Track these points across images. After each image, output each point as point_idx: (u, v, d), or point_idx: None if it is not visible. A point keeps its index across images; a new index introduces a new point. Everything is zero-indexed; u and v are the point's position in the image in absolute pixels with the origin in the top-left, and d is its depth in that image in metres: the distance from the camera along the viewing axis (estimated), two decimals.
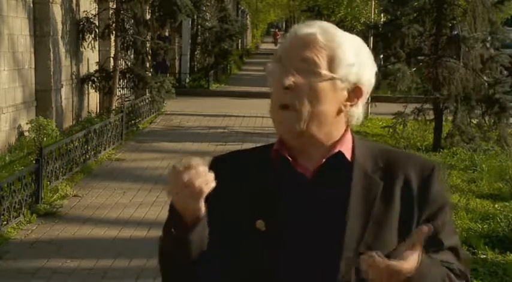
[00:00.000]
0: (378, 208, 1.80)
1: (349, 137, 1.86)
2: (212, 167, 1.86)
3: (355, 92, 1.82)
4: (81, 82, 14.14)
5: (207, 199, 1.80)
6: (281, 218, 1.80)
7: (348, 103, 1.82)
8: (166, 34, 20.58)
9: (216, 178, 1.83)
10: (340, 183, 1.81)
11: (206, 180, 1.70)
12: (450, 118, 12.23)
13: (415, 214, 1.82)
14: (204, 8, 24.22)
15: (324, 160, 1.82)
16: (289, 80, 1.77)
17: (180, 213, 1.75)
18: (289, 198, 1.82)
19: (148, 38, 15.20)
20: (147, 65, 15.23)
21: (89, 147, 10.20)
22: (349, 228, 1.78)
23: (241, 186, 1.86)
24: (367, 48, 1.87)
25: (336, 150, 1.83)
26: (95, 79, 14.23)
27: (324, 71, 1.78)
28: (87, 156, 10.10)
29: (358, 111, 1.84)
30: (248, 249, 1.81)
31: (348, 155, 1.84)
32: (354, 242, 1.77)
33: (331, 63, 1.78)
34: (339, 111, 1.82)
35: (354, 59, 1.80)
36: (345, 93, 1.81)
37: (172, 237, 1.81)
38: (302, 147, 1.83)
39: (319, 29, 1.80)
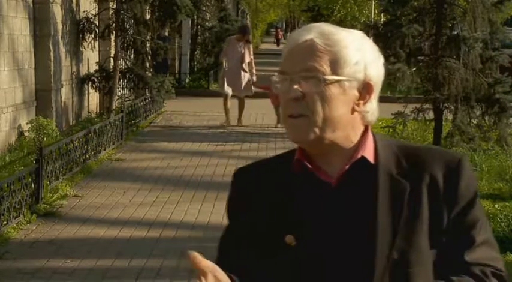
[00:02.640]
0: (407, 210, 1.76)
1: (370, 138, 1.82)
2: (235, 178, 1.90)
3: (365, 88, 1.79)
4: (81, 82, 14.14)
5: (233, 213, 1.82)
6: (309, 231, 1.76)
7: (361, 101, 1.79)
8: (166, 34, 20.56)
9: (240, 191, 1.86)
10: (366, 189, 1.77)
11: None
12: (450, 118, 12.23)
13: (444, 212, 1.78)
14: (204, 8, 24.21)
15: (347, 167, 1.78)
16: (296, 91, 1.75)
17: None
18: (314, 209, 1.78)
19: (148, 38, 15.19)
20: (147, 65, 15.23)
21: (89, 147, 10.20)
22: (380, 233, 1.74)
23: (265, 199, 1.82)
24: (369, 41, 1.83)
25: (359, 155, 1.79)
26: (95, 79, 14.23)
27: (329, 76, 1.74)
28: (87, 156, 10.10)
29: (372, 106, 1.81)
30: (279, 265, 1.77)
31: (371, 158, 1.80)
32: (386, 247, 1.73)
33: (335, 66, 1.75)
34: (352, 111, 1.78)
35: (358, 56, 1.77)
36: (355, 92, 1.78)
37: None
38: (323, 155, 1.80)
39: (317, 34, 1.77)
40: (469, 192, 1.80)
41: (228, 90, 13.99)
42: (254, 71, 14.33)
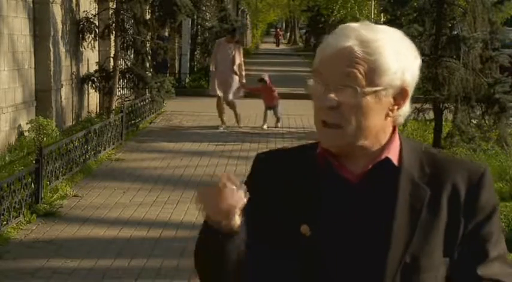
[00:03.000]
0: (425, 216, 1.75)
1: (396, 140, 1.81)
2: (255, 164, 1.91)
3: (401, 94, 1.77)
4: (81, 82, 14.14)
5: (250, 198, 1.79)
6: (325, 223, 1.77)
7: (395, 107, 1.78)
8: (167, 34, 20.56)
9: (259, 176, 1.87)
10: (386, 190, 1.77)
11: (238, 198, 1.68)
12: (450, 118, 12.23)
13: (461, 223, 1.77)
14: (204, 8, 24.21)
15: (370, 166, 1.78)
16: (332, 101, 1.73)
17: (215, 227, 1.73)
18: (333, 203, 1.78)
19: (148, 38, 15.20)
20: (147, 65, 15.23)
21: (89, 147, 10.20)
22: (394, 236, 1.74)
23: (285, 187, 1.83)
24: (407, 42, 1.80)
25: (383, 156, 1.78)
26: (95, 79, 14.23)
27: (367, 87, 1.72)
28: (87, 156, 10.10)
29: (405, 110, 1.80)
30: (291, 253, 1.78)
31: (395, 160, 1.79)
32: (399, 250, 1.73)
33: (373, 76, 1.73)
34: (386, 117, 1.77)
35: (396, 64, 1.74)
36: (391, 99, 1.76)
37: (208, 249, 1.77)
38: (348, 153, 1.80)
39: (357, 41, 1.73)
40: (489, 206, 1.80)
41: (220, 92, 13.76)
42: (243, 73, 14.08)
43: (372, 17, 29.40)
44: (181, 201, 8.38)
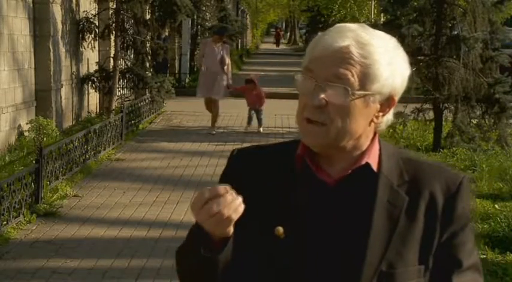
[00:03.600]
0: (402, 224, 1.74)
1: (376, 145, 1.81)
2: (233, 159, 1.87)
3: (388, 101, 1.77)
4: (81, 82, 14.14)
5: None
6: (301, 226, 1.75)
7: (380, 113, 1.77)
8: (167, 34, 20.56)
9: (237, 172, 1.84)
10: (364, 195, 1.76)
11: (235, 208, 1.65)
12: (450, 118, 12.23)
13: (437, 232, 1.76)
14: (204, 8, 24.22)
15: (349, 171, 1.77)
16: (321, 100, 1.71)
17: (208, 234, 1.69)
18: (310, 206, 1.77)
19: (148, 38, 15.20)
20: (147, 65, 15.23)
21: (89, 147, 10.20)
22: (371, 243, 1.72)
23: (260, 187, 1.80)
24: (401, 52, 1.79)
25: (363, 161, 1.77)
26: (95, 79, 14.23)
27: (357, 90, 1.71)
28: (87, 156, 10.10)
29: (388, 117, 1.80)
30: (265, 255, 1.76)
31: (374, 166, 1.78)
32: (375, 258, 1.72)
33: (365, 80, 1.71)
34: (370, 123, 1.77)
35: (388, 71, 1.73)
36: (378, 105, 1.76)
37: (199, 256, 1.72)
38: (328, 155, 1.79)
39: (354, 41, 1.72)
40: (464, 216, 1.79)
41: (206, 93, 13.49)
42: (230, 74, 13.77)
43: (372, 17, 29.40)
44: (181, 201, 8.38)
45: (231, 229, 1.69)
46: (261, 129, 13.53)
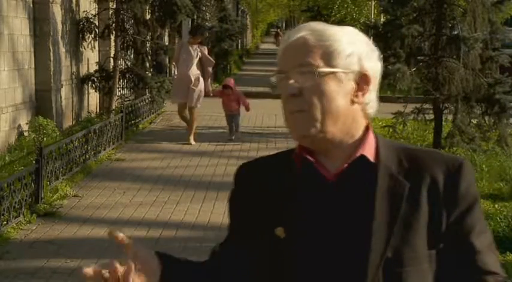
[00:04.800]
0: (405, 210, 1.76)
1: (371, 137, 1.83)
2: (238, 174, 1.94)
3: (362, 79, 1.79)
4: (81, 82, 14.14)
5: (235, 206, 1.89)
6: (302, 225, 1.77)
7: (359, 93, 1.79)
8: (167, 34, 20.56)
9: (240, 186, 1.91)
10: (364, 187, 1.78)
11: (145, 270, 1.78)
12: (450, 118, 12.23)
13: (443, 215, 1.77)
14: (204, 8, 24.20)
15: (346, 165, 1.79)
16: (293, 87, 1.76)
17: None
18: (310, 204, 1.79)
19: (148, 38, 15.19)
20: (147, 65, 15.22)
21: (89, 147, 10.20)
22: (375, 232, 1.74)
23: (263, 192, 1.84)
24: (362, 35, 1.84)
25: (359, 153, 1.79)
26: (95, 79, 14.23)
27: (324, 69, 1.76)
28: (87, 156, 10.10)
29: (371, 97, 1.82)
30: (267, 256, 1.79)
31: (371, 157, 1.80)
32: (380, 246, 1.73)
33: (329, 59, 1.77)
34: (352, 103, 1.79)
35: (351, 48, 1.78)
36: (352, 83, 1.78)
37: None
38: (324, 151, 1.81)
39: (308, 31, 1.79)
40: (469, 196, 1.79)
41: (181, 99, 12.40)
42: (209, 79, 12.86)
43: (372, 17, 29.38)
44: (181, 201, 8.38)
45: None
46: (240, 136, 12.69)
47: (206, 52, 12.63)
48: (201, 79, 12.34)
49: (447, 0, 11.90)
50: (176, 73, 12.77)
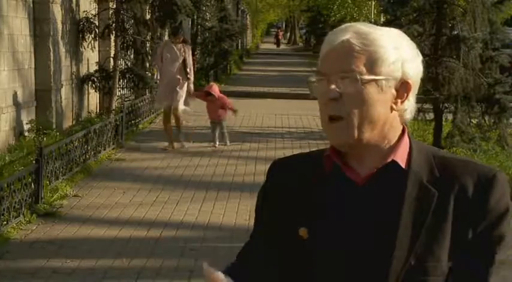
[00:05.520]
0: (432, 219, 1.73)
1: (406, 141, 1.81)
2: (271, 169, 1.95)
3: (403, 87, 1.77)
4: (81, 82, 14.14)
5: (263, 202, 1.90)
6: (325, 227, 1.77)
7: (399, 100, 1.78)
8: (167, 35, 20.54)
9: (271, 182, 1.91)
10: (392, 193, 1.75)
11: None
12: (450, 118, 12.23)
13: (469, 226, 1.73)
14: (204, 8, 24.20)
15: (376, 169, 1.77)
16: (334, 92, 1.74)
17: None
18: (336, 206, 1.78)
19: (148, 38, 15.19)
20: (147, 65, 15.22)
21: (89, 147, 10.20)
22: (399, 239, 1.72)
23: (291, 191, 1.85)
24: (407, 38, 1.81)
25: (390, 158, 1.77)
26: (95, 79, 14.24)
27: (366, 76, 1.73)
28: (87, 156, 10.10)
29: (409, 104, 1.80)
30: (290, 256, 1.80)
31: (403, 163, 1.78)
32: (404, 253, 1.71)
33: (372, 65, 1.74)
34: (391, 110, 1.77)
35: (395, 55, 1.76)
36: (393, 91, 1.76)
37: None
38: (357, 153, 1.80)
39: (353, 34, 1.76)
40: (499, 209, 1.75)
41: (163, 104, 11.98)
42: (192, 80, 11.95)
43: (372, 17, 29.40)
44: (181, 201, 8.38)
45: None
46: (228, 143, 12.06)
47: (190, 52, 12.01)
48: (187, 80, 11.76)
49: (447, 0, 11.91)
50: (159, 75, 12.18)
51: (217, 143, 11.99)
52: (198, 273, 5.62)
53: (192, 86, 11.97)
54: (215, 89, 12.25)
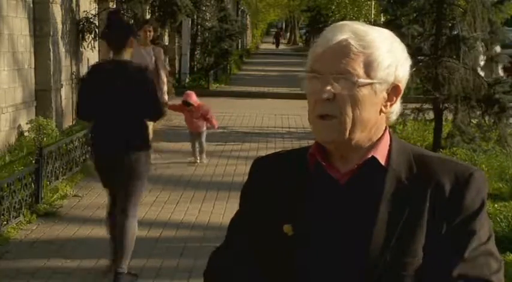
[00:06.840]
0: (408, 216, 1.75)
1: (386, 139, 1.83)
2: (253, 167, 1.95)
3: (394, 90, 1.80)
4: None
5: (244, 200, 1.90)
6: (309, 223, 1.78)
7: (388, 103, 1.80)
8: (167, 35, 20.55)
9: (254, 180, 1.92)
10: (372, 189, 1.78)
11: None
12: (450, 118, 12.23)
13: (444, 222, 1.75)
14: (204, 8, 24.22)
15: (356, 166, 1.80)
16: (329, 92, 1.74)
17: None
18: (319, 203, 1.80)
19: None
20: None
21: (89, 147, 10.19)
22: (375, 235, 1.74)
23: (274, 189, 1.86)
24: (398, 41, 1.83)
25: (370, 155, 1.79)
26: None
27: (362, 79, 1.74)
28: (87, 156, 10.10)
29: (396, 107, 1.83)
30: (274, 253, 1.81)
31: (383, 159, 1.80)
32: (379, 249, 1.74)
33: (369, 69, 1.75)
34: (380, 113, 1.80)
35: (390, 58, 1.77)
36: (385, 94, 1.79)
37: None
38: (341, 152, 1.81)
39: (351, 34, 1.76)
40: (474, 206, 1.77)
41: None
42: (165, 88, 10.33)
43: (372, 17, 29.43)
44: (181, 201, 8.38)
45: None
46: (204, 159, 10.80)
47: (162, 55, 10.50)
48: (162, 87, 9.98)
49: (447, 0, 11.90)
50: None
51: (198, 157, 10.81)
52: (198, 273, 5.63)
53: (166, 96, 10.35)
54: (193, 97, 10.82)
